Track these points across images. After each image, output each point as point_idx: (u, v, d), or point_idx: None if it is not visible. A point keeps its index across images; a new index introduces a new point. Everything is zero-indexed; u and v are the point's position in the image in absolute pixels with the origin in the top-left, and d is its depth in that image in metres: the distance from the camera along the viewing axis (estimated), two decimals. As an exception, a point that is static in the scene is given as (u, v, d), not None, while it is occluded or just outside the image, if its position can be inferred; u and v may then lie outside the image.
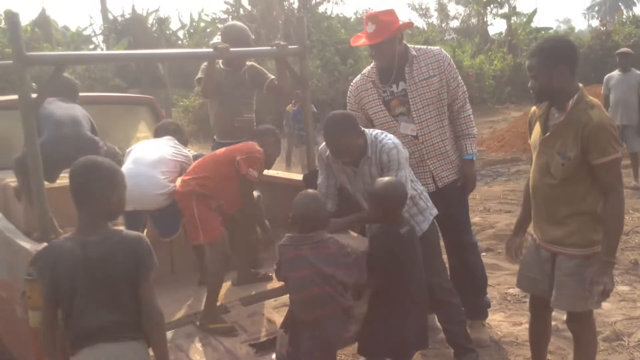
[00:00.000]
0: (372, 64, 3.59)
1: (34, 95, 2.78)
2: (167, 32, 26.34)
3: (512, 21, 25.05)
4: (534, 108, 2.92)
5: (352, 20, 28.94)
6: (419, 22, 30.84)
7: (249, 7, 23.71)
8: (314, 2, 22.38)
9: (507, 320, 4.00)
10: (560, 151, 2.62)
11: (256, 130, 3.63)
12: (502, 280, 4.64)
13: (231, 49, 3.35)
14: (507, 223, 6.07)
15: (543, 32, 27.08)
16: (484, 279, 3.79)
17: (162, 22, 26.27)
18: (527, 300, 4.01)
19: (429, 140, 3.47)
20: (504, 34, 26.36)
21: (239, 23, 4.16)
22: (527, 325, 3.70)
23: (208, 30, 26.69)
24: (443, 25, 32.19)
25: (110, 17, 25.73)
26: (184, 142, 3.72)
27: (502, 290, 4.46)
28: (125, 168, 3.14)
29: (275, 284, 3.47)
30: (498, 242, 5.51)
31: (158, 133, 3.71)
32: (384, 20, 3.38)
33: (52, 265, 2.12)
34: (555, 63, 2.60)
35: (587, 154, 2.56)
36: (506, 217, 6.52)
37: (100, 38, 25.51)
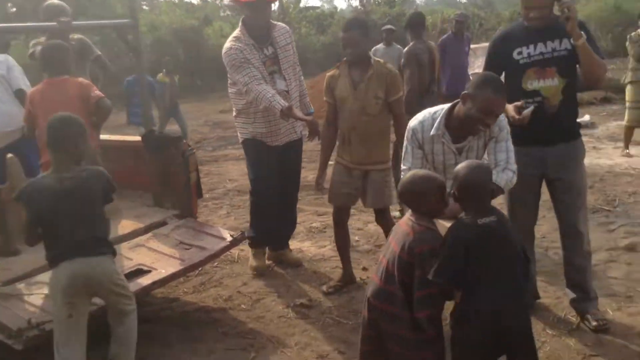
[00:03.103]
0: (238, 30, 4.09)
1: None
2: None
3: (284, 1, 26.57)
4: (331, 72, 3.89)
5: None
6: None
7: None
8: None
9: (314, 245, 4.98)
10: (374, 95, 3.69)
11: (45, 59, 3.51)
12: (306, 219, 5.62)
13: (72, 23, 3.67)
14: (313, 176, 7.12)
15: (312, 10, 29.24)
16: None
17: None
18: (327, 230, 5.07)
19: (294, 95, 4.18)
20: (277, 13, 27.88)
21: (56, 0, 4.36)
22: (330, 247, 4.74)
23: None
24: (217, 2, 32.84)
25: None
26: None
27: (307, 225, 5.45)
28: None
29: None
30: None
31: None
32: None
33: (34, 198, 2.67)
34: (368, 33, 3.74)
35: (388, 94, 3.70)
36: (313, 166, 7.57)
37: None
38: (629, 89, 7.40)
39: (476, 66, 10.23)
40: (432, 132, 2.95)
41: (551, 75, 3.20)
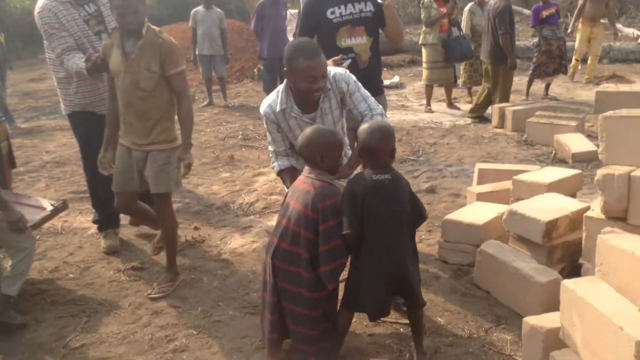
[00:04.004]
0: None
1: None
2: None
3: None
4: (104, 42, 3.50)
5: None
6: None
7: None
8: None
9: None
10: (146, 67, 3.30)
11: None
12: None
13: None
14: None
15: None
16: None
17: None
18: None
19: None
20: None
21: None
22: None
23: None
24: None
25: None
26: None
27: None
28: None
29: None
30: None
31: None
32: None
33: None
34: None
35: (164, 68, 3.32)
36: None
37: None
38: (423, 51, 8.27)
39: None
40: (278, 108, 2.90)
41: (360, 33, 3.59)
